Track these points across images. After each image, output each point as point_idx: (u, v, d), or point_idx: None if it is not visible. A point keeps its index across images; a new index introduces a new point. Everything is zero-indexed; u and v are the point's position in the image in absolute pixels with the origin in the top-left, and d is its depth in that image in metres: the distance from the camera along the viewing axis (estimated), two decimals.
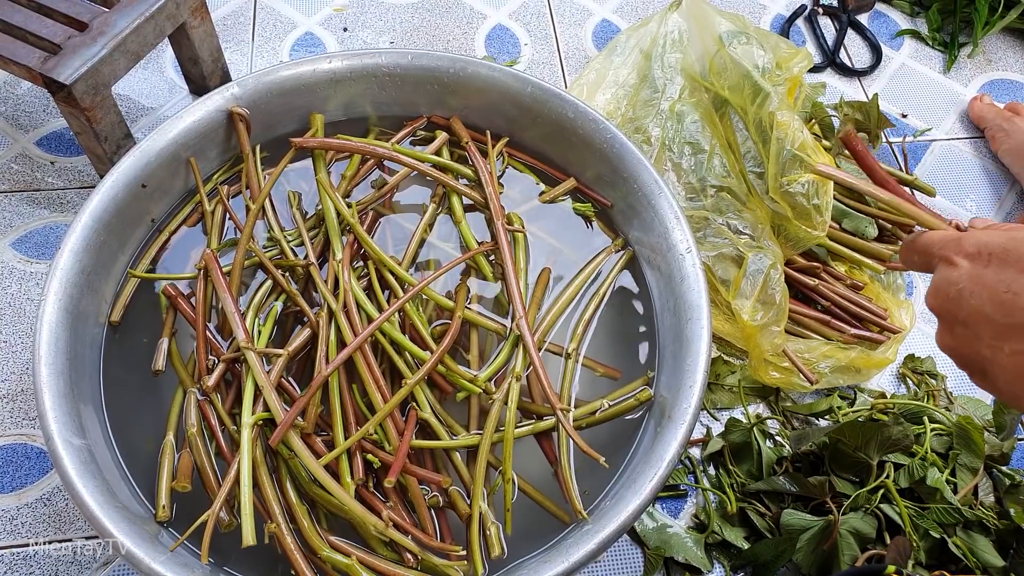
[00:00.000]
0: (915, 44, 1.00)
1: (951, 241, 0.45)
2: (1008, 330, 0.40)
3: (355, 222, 0.62)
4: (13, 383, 0.69)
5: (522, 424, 0.58)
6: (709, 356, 0.56)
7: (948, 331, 0.44)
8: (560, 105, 0.67)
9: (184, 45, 0.80)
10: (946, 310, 0.44)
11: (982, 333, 0.41)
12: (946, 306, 0.43)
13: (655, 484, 0.51)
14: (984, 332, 0.41)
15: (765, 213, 0.73)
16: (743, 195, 0.73)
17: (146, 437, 0.57)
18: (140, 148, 0.62)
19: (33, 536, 0.62)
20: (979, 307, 0.41)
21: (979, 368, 0.43)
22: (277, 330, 0.60)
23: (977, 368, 0.43)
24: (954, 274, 0.43)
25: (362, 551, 0.52)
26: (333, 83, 0.68)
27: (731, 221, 0.72)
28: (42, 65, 0.68)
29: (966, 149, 0.91)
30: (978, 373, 0.43)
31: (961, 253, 0.43)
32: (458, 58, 0.69)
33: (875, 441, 0.63)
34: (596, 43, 0.97)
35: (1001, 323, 0.40)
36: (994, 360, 0.41)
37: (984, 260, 0.42)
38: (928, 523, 0.62)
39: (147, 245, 0.64)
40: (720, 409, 0.72)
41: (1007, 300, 0.40)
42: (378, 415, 0.54)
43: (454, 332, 0.58)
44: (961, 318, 0.42)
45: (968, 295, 0.42)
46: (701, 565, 0.63)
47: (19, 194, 0.80)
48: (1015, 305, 0.40)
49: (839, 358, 0.68)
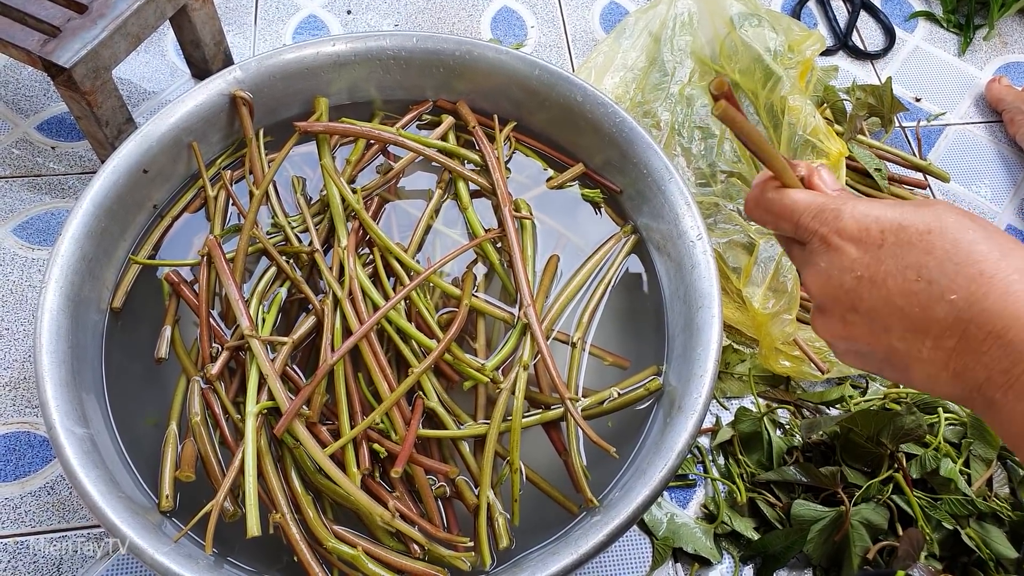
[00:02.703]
0: (929, 26, 0.98)
1: (824, 214, 0.38)
2: (927, 324, 0.35)
3: (360, 208, 0.61)
4: (15, 371, 0.69)
5: (530, 414, 0.57)
6: (720, 345, 0.55)
7: (838, 320, 0.38)
8: (568, 88, 0.66)
9: (186, 28, 0.79)
10: (835, 299, 0.38)
11: (892, 325, 0.36)
12: (836, 295, 0.38)
13: (665, 475, 0.50)
14: (895, 325, 0.36)
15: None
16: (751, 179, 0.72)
17: (149, 426, 0.56)
18: (141, 133, 0.61)
19: (36, 525, 0.62)
20: (886, 298, 0.36)
21: (884, 360, 0.38)
22: (281, 317, 0.60)
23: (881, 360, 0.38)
24: (843, 260, 0.37)
25: (368, 542, 0.52)
26: (337, 66, 0.67)
27: (742, 207, 0.71)
28: (41, 48, 0.67)
29: (981, 134, 0.90)
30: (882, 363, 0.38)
31: (843, 234, 0.37)
32: (464, 41, 0.67)
33: (887, 431, 0.62)
34: (604, 25, 0.95)
35: (918, 316, 0.35)
36: (909, 353, 0.36)
37: (875, 242, 0.36)
38: (941, 514, 0.61)
39: (149, 231, 0.63)
40: (730, 398, 0.71)
41: (921, 290, 0.35)
42: (384, 404, 0.53)
43: (461, 320, 0.57)
44: (862, 309, 0.37)
45: (869, 284, 0.36)
46: (710, 556, 0.62)
47: (20, 180, 0.79)
48: (930, 295, 0.35)
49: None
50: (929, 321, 0.35)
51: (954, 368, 0.35)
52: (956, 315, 0.34)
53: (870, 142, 0.82)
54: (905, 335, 0.36)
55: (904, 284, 0.35)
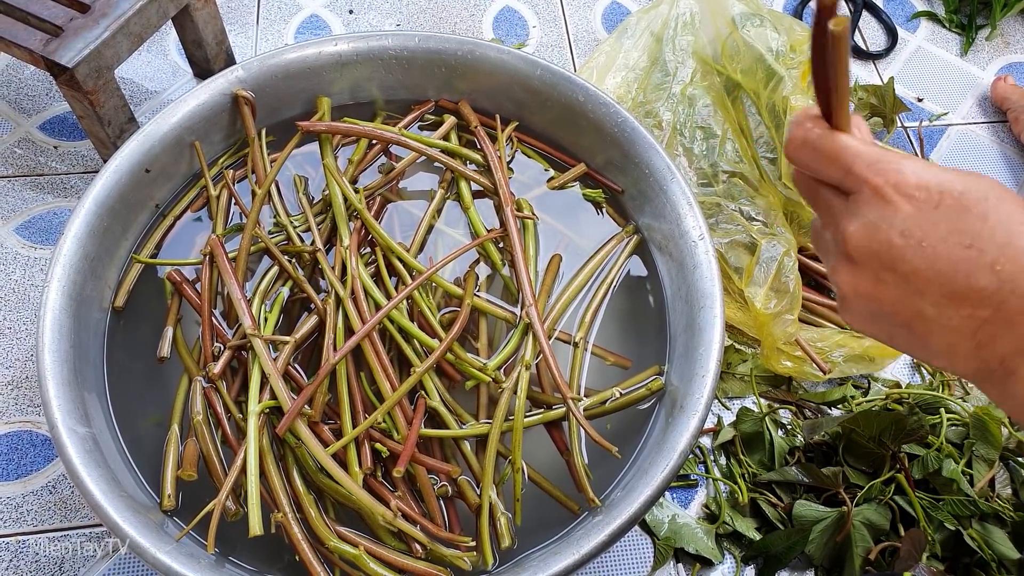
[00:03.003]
0: (932, 26, 0.98)
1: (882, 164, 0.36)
2: (967, 292, 0.34)
3: (363, 208, 0.61)
4: (18, 370, 0.69)
5: (532, 413, 0.57)
6: (722, 345, 0.55)
7: (870, 277, 0.36)
8: (570, 88, 0.66)
9: (188, 27, 0.79)
10: (875, 254, 0.36)
11: (928, 291, 0.35)
12: (878, 251, 0.36)
13: (667, 475, 0.50)
14: (932, 290, 0.35)
15: (778, 199, 0.72)
16: (756, 181, 0.72)
17: (150, 425, 0.56)
18: (143, 132, 0.61)
19: (38, 524, 0.62)
20: (931, 261, 0.34)
21: (904, 325, 0.36)
22: (283, 317, 0.60)
23: (900, 324, 0.37)
24: (895, 217, 0.35)
25: (370, 541, 0.52)
26: (339, 66, 0.67)
27: (744, 207, 0.71)
28: (44, 48, 0.67)
29: (984, 134, 0.90)
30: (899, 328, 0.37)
31: (900, 189, 0.35)
32: (466, 40, 0.67)
33: (889, 431, 0.62)
34: (606, 25, 0.95)
35: (961, 284, 0.34)
36: (937, 320, 0.35)
37: (932, 202, 0.34)
38: (943, 515, 0.61)
39: (151, 230, 0.63)
40: (731, 398, 0.71)
41: (970, 258, 0.34)
42: (387, 403, 0.53)
43: (463, 320, 0.57)
44: (901, 270, 0.35)
45: (916, 245, 0.34)
46: (712, 556, 0.62)
47: (23, 179, 0.79)
48: (979, 263, 0.34)
49: (853, 347, 0.67)
50: (970, 289, 0.34)
51: (980, 339, 0.34)
52: (999, 285, 0.33)
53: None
54: (940, 301, 0.35)
55: (953, 250, 0.34)
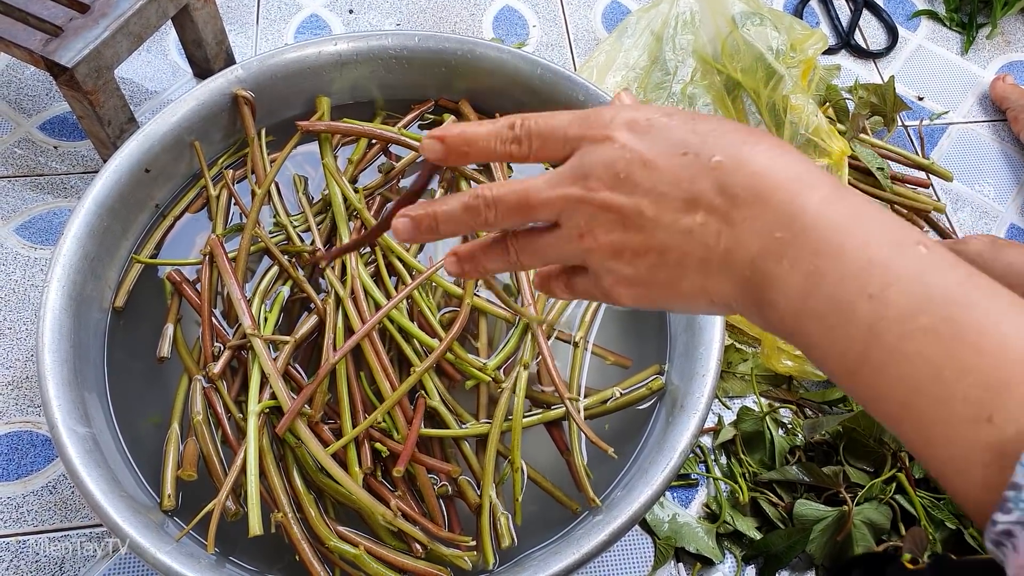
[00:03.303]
0: (932, 25, 0.98)
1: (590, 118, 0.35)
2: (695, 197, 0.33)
3: (363, 207, 0.61)
4: (18, 370, 0.69)
5: (532, 413, 0.57)
6: (722, 344, 0.55)
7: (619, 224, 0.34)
8: (570, 88, 0.66)
9: (188, 27, 0.79)
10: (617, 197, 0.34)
11: (664, 212, 0.33)
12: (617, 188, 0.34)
13: (667, 474, 0.50)
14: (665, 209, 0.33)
15: None
16: None
17: (150, 425, 0.56)
18: (143, 132, 0.61)
19: (38, 524, 0.62)
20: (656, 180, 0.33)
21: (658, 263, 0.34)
22: (283, 316, 0.60)
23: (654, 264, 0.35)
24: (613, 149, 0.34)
25: (370, 541, 0.52)
26: (339, 66, 0.67)
27: None
28: (43, 48, 0.67)
29: (984, 132, 0.89)
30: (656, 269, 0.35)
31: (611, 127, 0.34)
32: (466, 40, 0.67)
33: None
34: (606, 24, 0.95)
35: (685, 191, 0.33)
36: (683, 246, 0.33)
37: (643, 128, 0.34)
38: (944, 514, 0.61)
39: (151, 230, 0.63)
40: (732, 397, 0.71)
41: (687, 163, 0.33)
42: (386, 403, 0.53)
43: (463, 320, 0.57)
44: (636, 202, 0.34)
45: (640, 166, 0.33)
46: (712, 555, 0.62)
47: (23, 179, 0.79)
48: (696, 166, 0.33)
49: None
50: (696, 193, 0.33)
51: (725, 246, 0.33)
52: (723, 179, 0.32)
53: (873, 141, 0.82)
54: (675, 219, 0.33)
55: (671, 160, 0.33)
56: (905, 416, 0.29)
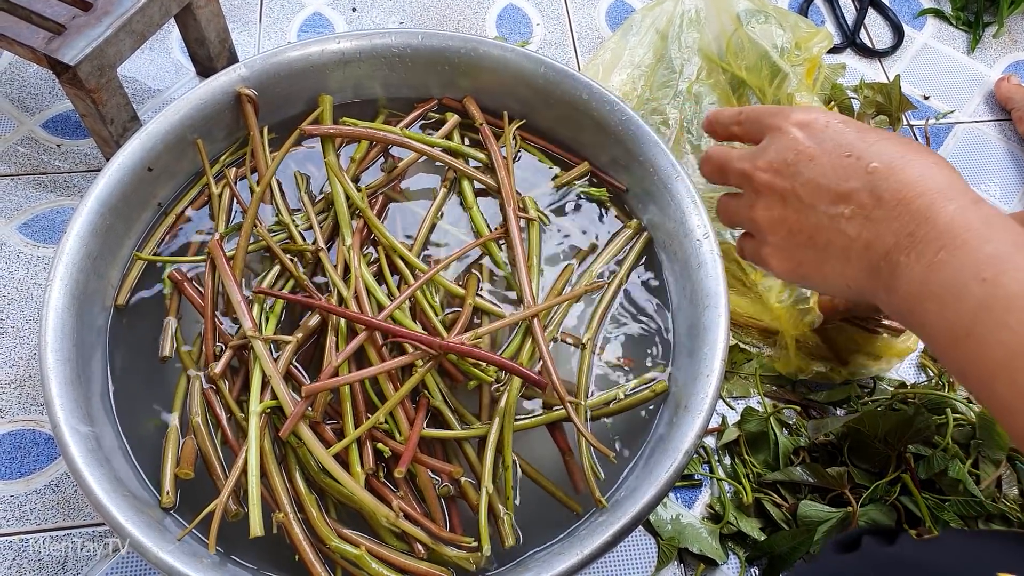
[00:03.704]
0: (938, 24, 0.98)
1: (782, 111, 0.44)
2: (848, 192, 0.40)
3: (365, 206, 0.61)
4: (21, 368, 0.69)
5: (534, 414, 0.57)
6: (727, 345, 0.55)
7: (779, 202, 0.43)
8: (574, 86, 0.66)
9: (190, 26, 0.79)
10: (780, 173, 0.43)
11: (819, 199, 0.41)
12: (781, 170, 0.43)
13: (671, 475, 0.50)
14: (821, 197, 0.41)
15: None
16: None
17: (153, 424, 0.56)
18: (146, 131, 0.60)
19: (41, 523, 0.62)
20: (819, 172, 0.41)
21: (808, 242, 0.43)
22: (285, 315, 0.59)
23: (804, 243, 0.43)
24: (789, 140, 0.43)
25: (372, 541, 0.52)
26: (342, 64, 0.67)
27: None
28: (46, 46, 0.67)
29: (991, 132, 0.89)
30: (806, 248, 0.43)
31: (794, 122, 0.43)
32: (469, 38, 0.67)
33: (895, 431, 0.61)
34: (609, 23, 0.95)
35: (842, 187, 0.40)
36: (831, 227, 0.41)
37: (821, 127, 0.42)
38: (949, 515, 0.61)
39: (153, 229, 0.63)
40: (736, 398, 0.70)
41: (849, 164, 0.40)
42: (388, 403, 0.53)
43: (465, 320, 0.57)
44: (799, 185, 0.42)
45: (807, 159, 0.42)
46: (716, 556, 0.62)
47: (25, 177, 0.79)
48: (856, 167, 0.40)
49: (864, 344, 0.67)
50: (849, 190, 0.40)
51: (866, 239, 0.40)
52: (875, 183, 0.39)
53: None
54: (829, 207, 0.41)
55: (835, 159, 0.41)
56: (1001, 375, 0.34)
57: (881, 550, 0.39)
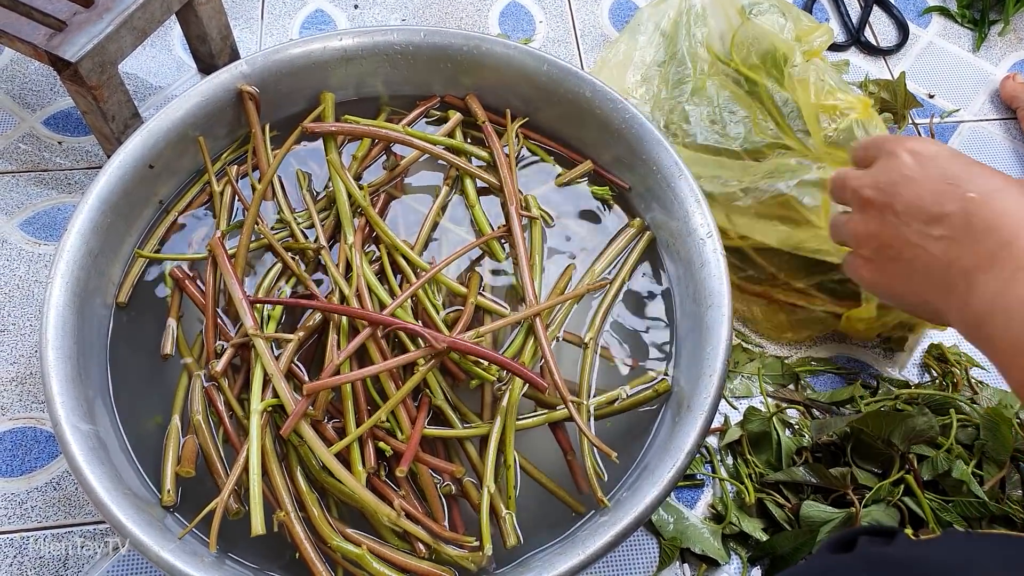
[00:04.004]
0: (943, 21, 0.97)
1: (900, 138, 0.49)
2: (941, 215, 0.44)
3: (367, 204, 0.61)
4: (22, 366, 0.68)
5: (535, 413, 0.57)
6: (730, 345, 0.54)
7: (877, 217, 0.47)
8: (577, 84, 0.65)
9: (192, 22, 0.79)
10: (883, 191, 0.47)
11: (913, 218, 0.45)
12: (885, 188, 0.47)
13: (673, 475, 0.50)
14: (915, 216, 0.45)
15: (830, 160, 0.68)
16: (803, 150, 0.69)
17: (154, 421, 0.56)
18: (147, 128, 0.60)
19: (42, 520, 0.62)
20: (918, 194, 0.45)
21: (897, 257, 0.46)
22: (287, 314, 0.59)
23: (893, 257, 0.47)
24: (896, 163, 0.47)
25: (373, 541, 0.51)
26: (344, 61, 0.67)
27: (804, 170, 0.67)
28: (47, 42, 0.67)
29: (996, 131, 0.88)
30: (894, 262, 0.47)
31: (905, 147, 0.47)
32: (472, 36, 0.67)
33: (899, 432, 0.61)
34: (613, 21, 0.94)
35: (936, 210, 0.44)
36: (920, 244, 0.45)
37: (930, 155, 0.46)
38: (952, 516, 0.60)
39: (154, 226, 0.63)
40: (739, 398, 0.70)
41: (947, 190, 0.44)
42: (390, 402, 0.53)
43: (467, 319, 0.57)
44: (898, 204, 0.46)
45: (908, 181, 0.46)
46: (718, 556, 0.61)
47: (26, 174, 0.79)
48: (953, 194, 0.43)
49: None
50: (942, 213, 0.43)
51: (950, 258, 0.43)
52: (969, 210, 0.42)
53: None
54: (921, 227, 0.44)
55: (936, 184, 0.44)
56: None
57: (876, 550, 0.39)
